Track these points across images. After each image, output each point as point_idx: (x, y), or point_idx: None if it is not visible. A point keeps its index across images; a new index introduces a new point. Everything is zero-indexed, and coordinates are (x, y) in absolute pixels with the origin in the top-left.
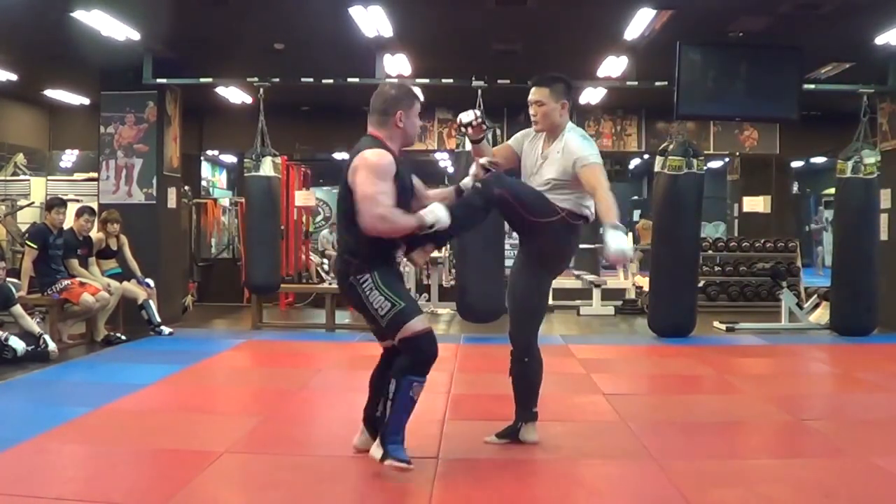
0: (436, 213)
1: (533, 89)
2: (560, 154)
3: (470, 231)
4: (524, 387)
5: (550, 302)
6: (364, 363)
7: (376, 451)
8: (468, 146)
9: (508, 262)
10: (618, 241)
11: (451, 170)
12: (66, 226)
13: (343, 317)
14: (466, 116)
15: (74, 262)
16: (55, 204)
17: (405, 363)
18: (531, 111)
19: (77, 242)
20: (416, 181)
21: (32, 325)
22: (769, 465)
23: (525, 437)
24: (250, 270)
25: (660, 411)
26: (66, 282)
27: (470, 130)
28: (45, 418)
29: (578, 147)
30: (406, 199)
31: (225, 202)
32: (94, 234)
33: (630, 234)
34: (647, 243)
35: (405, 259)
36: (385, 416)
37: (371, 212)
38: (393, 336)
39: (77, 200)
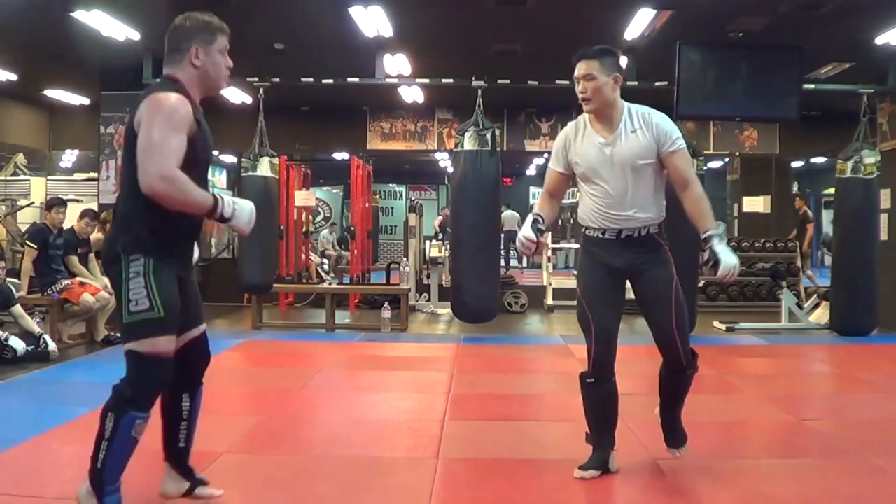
0: (241, 206)
1: (580, 63)
2: (640, 132)
3: None
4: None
5: (550, 302)
6: (364, 363)
7: (87, 498)
8: (466, 145)
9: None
10: (729, 254)
11: (450, 170)
12: (66, 225)
13: (343, 317)
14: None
15: (74, 259)
16: (55, 203)
17: (127, 392)
18: (579, 88)
19: (77, 241)
20: None
21: (32, 325)
22: (769, 465)
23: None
24: (243, 270)
25: None
26: (66, 282)
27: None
28: (45, 418)
29: (667, 123)
30: (204, 161)
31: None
32: (94, 235)
33: None
34: None
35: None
36: (99, 457)
37: (154, 166)
38: (127, 341)
39: (77, 200)
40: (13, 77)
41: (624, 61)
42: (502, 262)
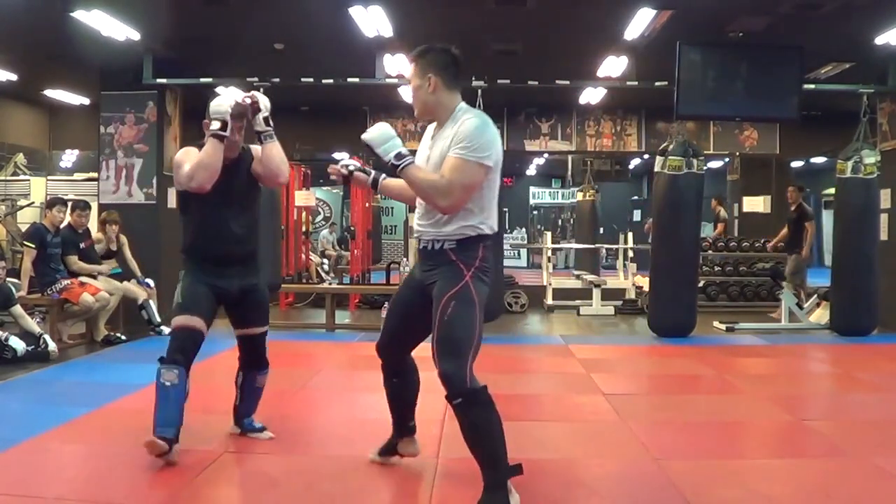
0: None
1: None
2: (449, 136)
3: None
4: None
5: (550, 302)
6: (364, 363)
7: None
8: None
9: (505, 262)
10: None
11: None
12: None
13: (343, 317)
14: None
15: (73, 258)
16: (56, 202)
17: (166, 352)
18: None
19: (76, 236)
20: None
21: (32, 325)
22: (769, 465)
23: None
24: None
25: (660, 411)
26: (65, 282)
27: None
28: (45, 418)
29: (470, 128)
30: (210, 195)
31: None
32: (95, 235)
33: (630, 234)
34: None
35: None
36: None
37: (183, 175)
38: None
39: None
40: (13, 77)
41: (624, 62)
42: None
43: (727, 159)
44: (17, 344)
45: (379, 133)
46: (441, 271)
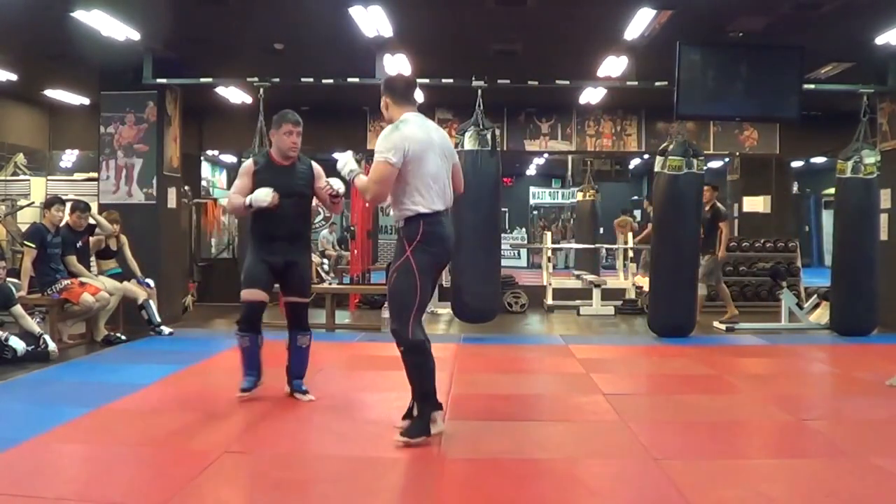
0: (252, 197)
1: None
2: None
3: None
4: None
5: (550, 302)
6: (364, 363)
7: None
8: (467, 145)
9: (505, 262)
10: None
11: None
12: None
13: (343, 317)
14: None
15: (73, 259)
16: (54, 202)
17: (238, 320)
18: None
19: (75, 236)
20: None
21: (32, 325)
22: (769, 465)
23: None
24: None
25: (660, 411)
26: (65, 282)
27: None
28: (45, 418)
29: (378, 139)
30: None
31: (225, 202)
32: (94, 238)
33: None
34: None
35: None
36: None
37: (228, 198)
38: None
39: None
40: (13, 77)
41: (624, 62)
42: None
43: (727, 159)
44: (17, 344)
45: (341, 162)
46: (395, 248)
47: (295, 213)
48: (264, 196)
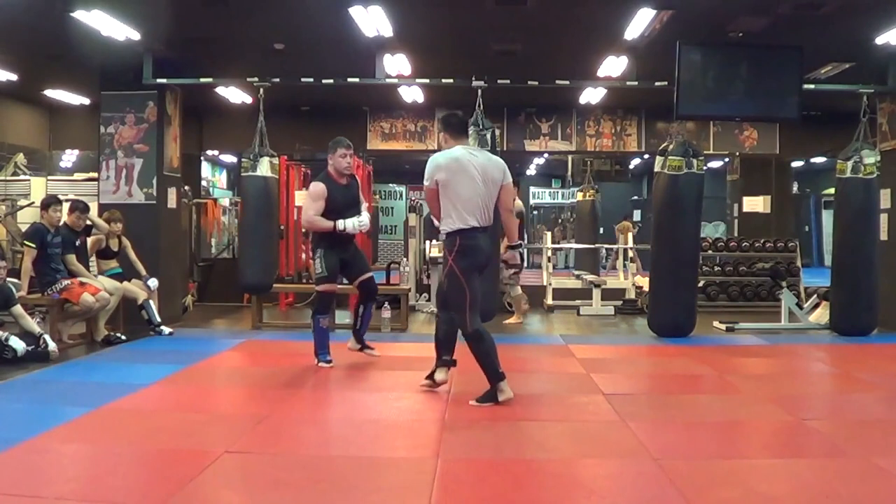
0: (345, 223)
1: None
2: None
3: None
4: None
5: (550, 301)
6: (364, 363)
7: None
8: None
9: None
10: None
11: None
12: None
13: (343, 317)
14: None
15: (72, 258)
16: (52, 202)
17: (315, 307)
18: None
19: (74, 235)
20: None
21: (33, 325)
22: (769, 465)
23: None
24: (243, 269)
25: (660, 411)
26: (66, 282)
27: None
28: (45, 418)
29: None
30: (335, 209)
31: (225, 202)
32: (92, 238)
33: (630, 234)
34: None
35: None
36: (314, 338)
37: (303, 216)
38: (317, 286)
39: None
40: (13, 77)
41: (624, 62)
42: None
43: (727, 159)
44: (18, 344)
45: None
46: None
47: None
48: (360, 224)
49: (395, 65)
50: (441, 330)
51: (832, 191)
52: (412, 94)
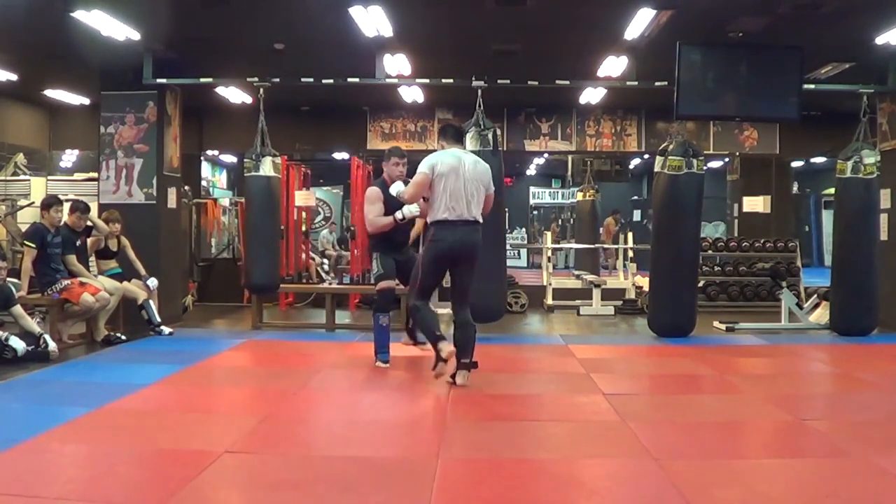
0: (401, 212)
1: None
2: None
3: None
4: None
5: (550, 302)
6: (364, 363)
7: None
8: (468, 146)
9: (509, 262)
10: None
11: None
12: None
13: (343, 317)
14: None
15: (72, 258)
16: (52, 202)
17: (376, 305)
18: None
19: (74, 235)
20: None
21: (33, 325)
22: (769, 465)
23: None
24: (250, 270)
25: (660, 411)
26: (66, 282)
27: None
28: (45, 418)
29: None
30: (390, 210)
31: (225, 202)
32: (91, 239)
33: (630, 234)
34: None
35: None
36: (375, 337)
37: (366, 219)
38: (374, 284)
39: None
40: (13, 77)
41: (624, 62)
42: None
43: (727, 159)
44: (18, 344)
45: (394, 189)
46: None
47: (406, 222)
48: (411, 211)
49: (395, 65)
50: (422, 314)
51: (832, 191)
52: (412, 94)
